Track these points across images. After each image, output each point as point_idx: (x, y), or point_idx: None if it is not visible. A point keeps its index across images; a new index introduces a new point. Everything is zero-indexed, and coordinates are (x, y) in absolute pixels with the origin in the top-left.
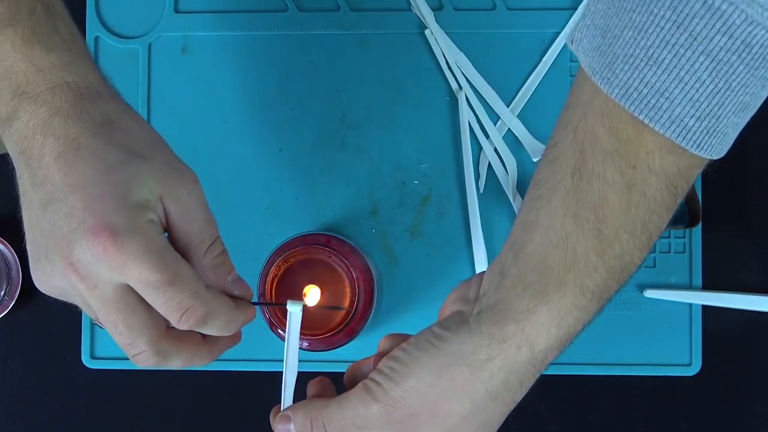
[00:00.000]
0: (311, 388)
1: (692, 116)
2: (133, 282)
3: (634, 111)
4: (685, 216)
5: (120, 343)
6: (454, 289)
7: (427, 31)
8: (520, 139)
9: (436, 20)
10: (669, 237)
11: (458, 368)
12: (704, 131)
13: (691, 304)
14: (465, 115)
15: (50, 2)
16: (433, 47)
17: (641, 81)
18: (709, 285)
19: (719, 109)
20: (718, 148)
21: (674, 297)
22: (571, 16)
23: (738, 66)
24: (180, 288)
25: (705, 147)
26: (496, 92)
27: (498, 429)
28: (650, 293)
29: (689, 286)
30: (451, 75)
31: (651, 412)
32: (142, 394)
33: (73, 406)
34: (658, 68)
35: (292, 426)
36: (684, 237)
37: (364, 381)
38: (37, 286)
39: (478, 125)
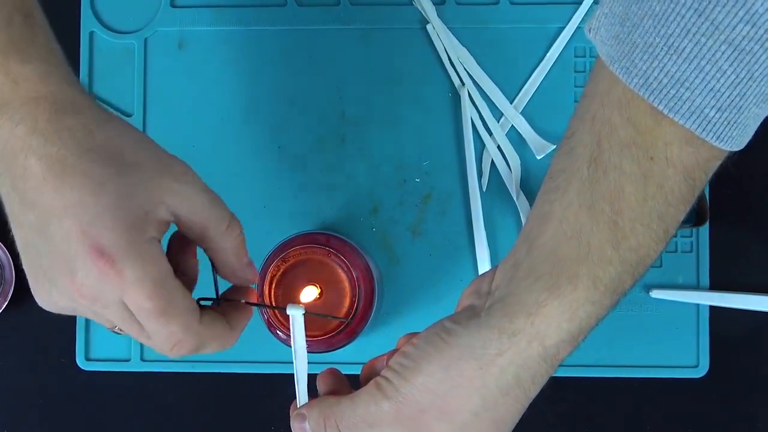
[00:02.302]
0: (322, 382)
1: (713, 107)
2: (130, 306)
3: (653, 101)
4: (692, 215)
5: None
6: (470, 283)
7: (428, 26)
8: (523, 136)
9: (438, 15)
10: (676, 236)
11: (467, 363)
12: (725, 122)
13: (698, 305)
14: (467, 112)
15: (29, 11)
16: (434, 42)
17: (661, 70)
18: (716, 285)
19: (741, 99)
20: (738, 140)
21: (681, 297)
22: (576, 10)
23: (761, 56)
24: (171, 320)
25: (725, 138)
26: (499, 88)
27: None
28: (657, 293)
29: (696, 287)
30: (453, 71)
31: (657, 415)
32: (137, 395)
33: (68, 407)
34: (678, 57)
35: (307, 424)
36: (691, 236)
37: (376, 378)
38: (39, 304)
39: (480, 122)
